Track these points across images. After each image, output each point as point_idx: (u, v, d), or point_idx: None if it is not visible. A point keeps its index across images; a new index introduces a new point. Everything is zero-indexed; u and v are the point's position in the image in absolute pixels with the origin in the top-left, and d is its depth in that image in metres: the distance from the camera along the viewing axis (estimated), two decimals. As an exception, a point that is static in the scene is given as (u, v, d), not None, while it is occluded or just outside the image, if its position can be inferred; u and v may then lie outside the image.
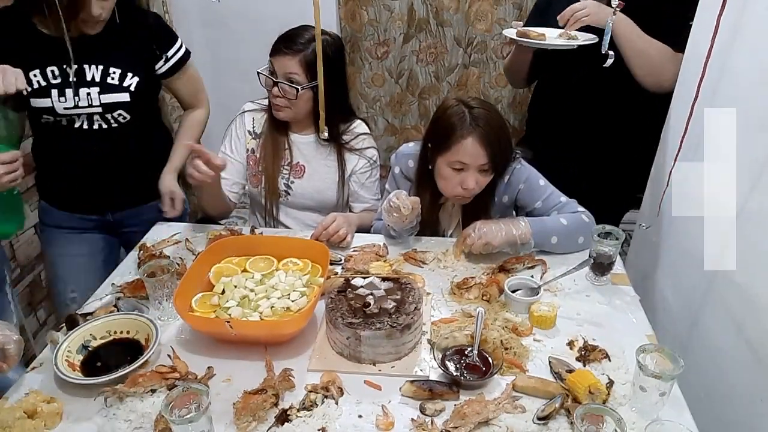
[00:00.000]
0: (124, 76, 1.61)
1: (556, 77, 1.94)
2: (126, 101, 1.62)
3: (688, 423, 1.06)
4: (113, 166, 1.70)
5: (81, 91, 1.56)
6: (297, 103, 1.67)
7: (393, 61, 2.95)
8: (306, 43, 1.63)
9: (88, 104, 1.58)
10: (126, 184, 1.75)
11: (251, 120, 1.83)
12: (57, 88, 1.54)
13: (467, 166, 1.49)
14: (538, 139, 2.09)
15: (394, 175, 1.74)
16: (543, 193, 1.61)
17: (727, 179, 1.43)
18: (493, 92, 2.98)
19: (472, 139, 1.46)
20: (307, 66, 1.62)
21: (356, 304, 1.24)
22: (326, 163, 1.81)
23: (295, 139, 1.81)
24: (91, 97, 1.57)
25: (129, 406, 1.10)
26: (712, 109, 1.47)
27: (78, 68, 1.54)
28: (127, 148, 1.70)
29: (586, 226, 1.55)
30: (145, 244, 1.65)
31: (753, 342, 1.27)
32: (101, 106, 1.59)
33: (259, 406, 1.07)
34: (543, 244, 1.54)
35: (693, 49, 1.57)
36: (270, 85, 1.68)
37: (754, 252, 1.29)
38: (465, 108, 1.48)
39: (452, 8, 2.77)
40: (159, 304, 1.35)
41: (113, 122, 1.64)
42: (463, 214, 1.68)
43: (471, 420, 1.04)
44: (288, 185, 1.82)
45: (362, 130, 1.82)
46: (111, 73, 1.59)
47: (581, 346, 1.24)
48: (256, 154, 1.82)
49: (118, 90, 1.61)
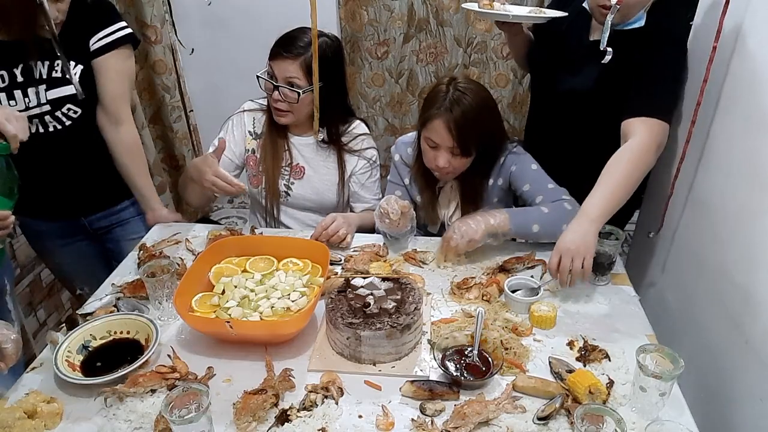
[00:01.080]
0: (68, 66, 1.54)
1: (547, 84, 1.86)
2: (72, 94, 1.55)
3: (688, 423, 1.06)
4: (75, 168, 1.66)
5: (29, 90, 1.50)
6: (298, 107, 1.67)
7: (393, 61, 2.95)
8: (306, 46, 1.62)
9: (37, 103, 1.52)
10: (92, 185, 1.71)
11: (251, 120, 1.83)
12: (5, 91, 1.49)
13: (438, 146, 1.56)
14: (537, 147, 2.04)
15: (394, 162, 1.78)
16: (533, 177, 1.63)
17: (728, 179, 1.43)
18: (493, 92, 2.95)
19: (440, 121, 1.52)
20: (307, 69, 1.61)
21: (356, 304, 1.24)
22: (326, 165, 1.81)
23: (295, 140, 1.81)
24: (39, 96, 1.51)
25: (129, 406, 1.10)
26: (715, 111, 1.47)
27: (24, 66, 1.49)
28: (84, 146, 1.65)
29: (569, 213, 1.54)
30: (144, 244, 1.65)
31: (753, 342, 1.27)
32: (48, 102, 1.53)
33: (259, 406, 1.07)
34: (525, 234, 1.55)
35: (695, 52, 1.57)
36: (270, 89, 1.67)
37: (754, 252, 1.29)
38: (450, 88, 1.53)
39: (452, 8, 2.77)
40: (159, 304, 1.35)
41: (65, 119, 1.58)
42: (462, 196, 1.70)
43: (471, 420, 1.04)
44: (288, 186, 1.82)
45: (361, 131, 1.81)
46: (55, 66, 1.53)
47: (581, 346, 1.25)
48: (256, 155, 1.82)
49: (63, 83, 1.54)
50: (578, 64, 1.67)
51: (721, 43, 1.40)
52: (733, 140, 1.41)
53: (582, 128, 1.71)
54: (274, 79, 1.65)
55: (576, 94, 1.68)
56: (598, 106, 1.64)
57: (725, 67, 1.43)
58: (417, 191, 1.76)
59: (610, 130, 1.61)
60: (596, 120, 1.65)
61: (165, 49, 2.78)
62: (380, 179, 1.88)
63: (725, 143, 1.45)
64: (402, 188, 1.78)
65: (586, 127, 1.69)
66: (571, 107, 1.72)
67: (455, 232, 1.49)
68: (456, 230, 1.50)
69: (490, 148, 1.61)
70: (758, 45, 1.31)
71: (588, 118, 1.68)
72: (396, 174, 1.78)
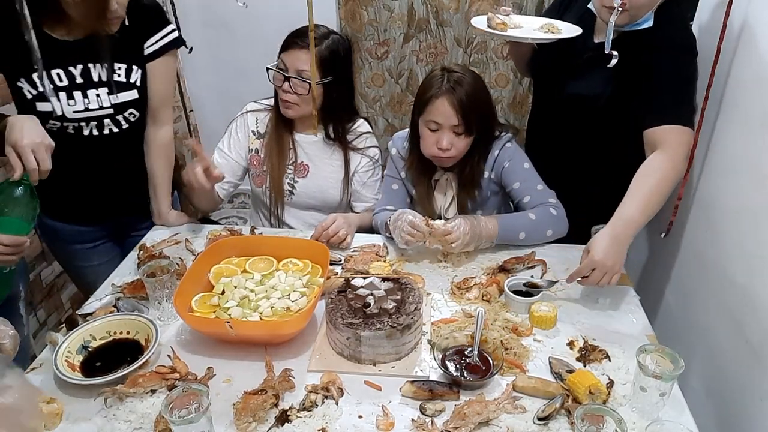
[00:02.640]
0: (130, 70, 1.55)
1: (552, 88, 1.82)
2: (135, 99, 1.57)
3: (688, 423, 1.06)
4: (117, 172, 1.64)
5: (89, 92, 1.49)
6: (307, 100, 1.67)
7: (393, 61, 2.95)
8: (320, 39, 1.64)
9: (99, 106, 1.51)
10: (129, 191, 1.70)
11: (255, 120, 1.83)
12: (65, 90, 1.47)
13: (441, 126, 1.56)
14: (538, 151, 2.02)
15: (391, 156, 1.79)
16: (524, 176, 1.65)
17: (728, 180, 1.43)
18: (493, 92, 2.96)
19: (444, 99, 1.54)
20: (320, 61, 1.63)
21: (356, 304, 1.24)
22: (330, 162, 1.81)
23: (300, 138, 1.81)
24: (100, 99, 1.51)
25: (129, 406, 1.10)
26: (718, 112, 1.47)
27: (83, 68, 1.48)
28: (133, 150, 1.66)
29: (554, 218, 1.58)
30: (144, 244, 1.65)
31: (753, 342, 1.27)
32: (112, 107, 1.53)
33: (259, 406, 1.07)
34: (511, 240, 1.58)
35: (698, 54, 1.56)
36: (280, 80, 1.67)
37: (754, 252, 1.29)
38: (445, 72, 1.57)
39: (452, 8, 2.77)
40: (159, 304, 1.35)
41: (124, 123, 1.58)
42: (459, 186, 1.71)
43: (471, 420, 1.04)
44: (292, 185, 1.82)
45: (365, 129, 1.82)
46: (116, 70, 1.53)
47: (581, 346, 1.24)
48: (260, 154, 1.82)
49: (127, 87, 1.55)
50: (583, 68, 1.65)
51: (723, 44, 1.39)
52: (734, 141, 1.42)
53: (588, 132, 1.68)
54: (285, 71, 1.65)
55: (582, 98, 1.65)
56: (605, 109, 1.61)
57: (727, 67, 1.42)
58: (412, 184, 1.77)
59: (617, 133, 1.60)
60: (603, 123, 1.63)
61: (165, 49, 2.78)
62: (381, 180, 1.89)
63: (726, 144, 1.45)
64: (399, 181, 1.78)
65: (592, 130, 1.67)
66: (577, 111, 1.69)
67: (458, 228, 1.48)
68: (456, 227, 1.49)
69: (488, 129, 1.65)
70: (761, 45, 1.31)
71: (594, 122, 1.65)
72: (393, 167, 1.79)
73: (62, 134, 1.51)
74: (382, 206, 1.75)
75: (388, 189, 1.79)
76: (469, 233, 1.48)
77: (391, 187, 1.78)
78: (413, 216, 1.52)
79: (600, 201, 1.54)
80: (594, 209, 1.52)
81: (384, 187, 1.81)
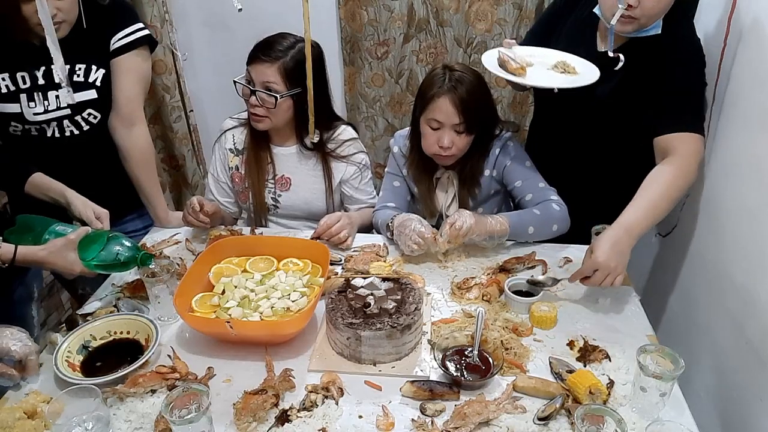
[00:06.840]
0: (89, 70, 1.53)
1: (557, 95, 1.81)
2: (94, 98, 1.55)
3: (688, 423, 1.06)
4: (85, 175, 1.61)
5: (50, 94, 1.49)
6: (276, 113, 1.63)
7: (393, 61, 2.94)
8: (285, 50, 1.59)
9: (57, 107, 1.51)
10: (101, 194, 1.63)
11: (231, 137, 1.81)
12: (26, 92, 1.47)
13: (442, 125, 1.57)
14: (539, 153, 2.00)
15: (393, 154, 1.80)
16: (525, 174, 1.66)
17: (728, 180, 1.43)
18: (493, 92, 2.94)
19: (445, 97, 1.55)
20: (286, 74, 1.59)
21: (356, 304, 1.24)
22: (312, 174, 1.78)
23: (277, 151, 1.78)
24: (59, 100, 1.51)
25: (129, 406, 1.10)
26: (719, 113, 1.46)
27: (46, 70, 1.47)
28: (98, 153, 1.63)
29: (558, 213, 1.58)
30: (144, 244, 1.65)
31: (753, 342, 1.27)
32: (69, 107, 1.52)
33: (259, 406, 1.07)
34: (521, 235, 1.58)
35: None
36: (247, 94, 1.63)
37: (754, 252, 1.29)
38: (447, 71, 1.58)
39: (452, 8, 2.76)
40: (159, 304, 1.35)
41: (84, 124, 1.57)
42: (460, 183, 1.71)
43: (471, 420, 1.04)
44: (275, 199, 1.80)
45: (348, 136, 1.78)
46: (77, 71, 1.52)
47: (581, 347, 1.24)
48: (240, 171, 1.80)
49: (85, 87, 1.53)
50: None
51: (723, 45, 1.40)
52: (734, 141, 1.42)
53: (589, 132, 1.68)
54: (252, 84, 1.62)
55: (590, 106, 1.63)
56: (606, 110, 1.60)
57: (728, 69, 1.42)
58: (414, 182, 1.77)
59: (618, 134, 1.60)
60: (609, 128, 1.63)
61: (165, 50, 2.78)
62: (373, 179, 1.88)
63: (726, 144, 1.45)
64: (400, 179, 1.79)
65: (594, 131, 1.66)
66: (584, 117, 1.67)
67: (459, 218, 1.49)
68: (459, 216, 1.50)
69: (488, 127, 1.65)
70: (761, 45, 1.31)
71: (595, 122, 1.65)
72: (395, 165, 1.79)
73: (26, 137, 1.53)
74: (383, 203, 1.75)
75: (390, 186, 1.79)
76: (474, 220, 1.48)
77: (393, 184, 1.79)
78: (420, 224, 1.52)
79: (600, 201, 1.55)
80: (594, 209, 1.52)
81: (385, 185, 1.81)
